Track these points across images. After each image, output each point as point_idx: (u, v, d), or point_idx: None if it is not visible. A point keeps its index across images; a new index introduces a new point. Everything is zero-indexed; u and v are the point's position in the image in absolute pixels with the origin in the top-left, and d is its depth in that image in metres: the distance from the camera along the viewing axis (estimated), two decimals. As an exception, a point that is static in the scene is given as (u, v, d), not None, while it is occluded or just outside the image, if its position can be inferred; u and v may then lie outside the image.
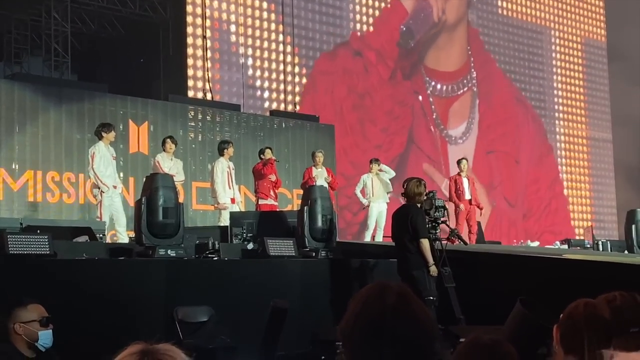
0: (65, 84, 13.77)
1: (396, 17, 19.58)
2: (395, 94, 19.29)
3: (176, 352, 1.67)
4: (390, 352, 1.81)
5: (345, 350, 1.91)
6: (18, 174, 12.29)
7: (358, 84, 18.55)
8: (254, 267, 8.00)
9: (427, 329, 1.88)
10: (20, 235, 6.62)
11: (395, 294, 1.89)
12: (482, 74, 21.26)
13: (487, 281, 8.20)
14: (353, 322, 1.88)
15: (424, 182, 7.96)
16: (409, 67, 19.78)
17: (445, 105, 20.45)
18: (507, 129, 21.52)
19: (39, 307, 4.22)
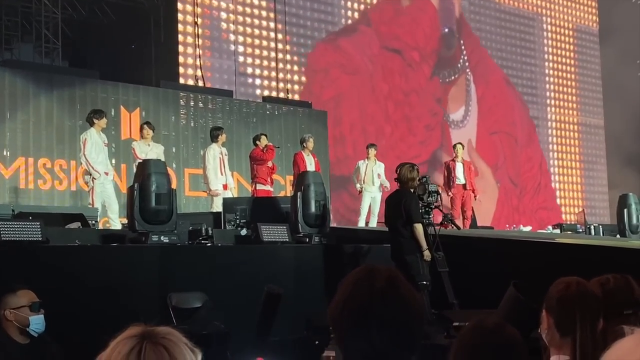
0: (56, 71, 13.70)
1: (426, 17, 20.00)
2: (435, 92, 20.04)
3: (176, 335, 1.64)
4: (379, 336, 1.81)
5: (335, 334, 1.90)
6: (9, 160, 12.24)
7: (401, 82, 19.10)
8: (247, 253, 8.00)
9: (416, 311, 1.87)
10: (12, 222, 6.60)
11: (384, 277, 1.88)
12: (475, 59, 21.40)
13: (480, 266, 8.21)
14: (342, 305, 1.87)
15: (417, 167, 7.96)
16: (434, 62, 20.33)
17: (444, 90, 20.72)
18: (506, 110, 21.84)
19: (29, 292, 4.22)
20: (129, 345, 1.59)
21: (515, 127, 22.02)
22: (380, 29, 19.33)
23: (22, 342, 4.14)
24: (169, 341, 1.61)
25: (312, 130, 15.08)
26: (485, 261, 8.34)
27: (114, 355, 1.59)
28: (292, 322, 7.40)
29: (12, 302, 4.12)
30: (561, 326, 2.70)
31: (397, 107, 19.28)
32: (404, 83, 19.50)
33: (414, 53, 19.80)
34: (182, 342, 1.63)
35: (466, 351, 2.27)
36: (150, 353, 1.58)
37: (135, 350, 1.58)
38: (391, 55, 19.40)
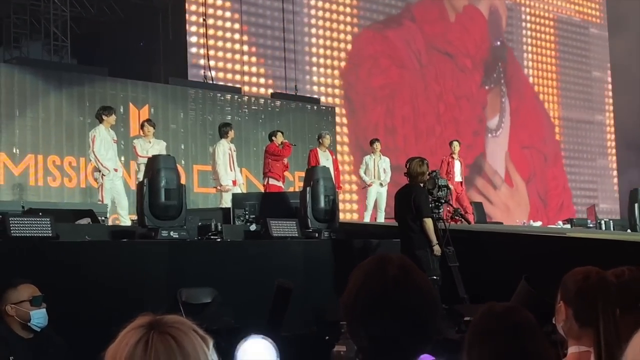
0: (65, 68, 13.72)
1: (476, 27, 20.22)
2: (483, 101, 20.48)
3: (185, 324, 1.60)
4: (393, 324, 1.79)
5: (348, 324, 1.88)
6: (19, 158, 12.27)
7: (453, 86, 19.48)
8: (256, 248, 7.99)
9: (429, 299, 1.85)
10: (22, 218, 6.60)
11: (396, 265, 1.87)
12: (510, 72, 21.62)
13: (491, 260, 8.18)
14: (354, 295, 1.86)
15: (426, 161, 7.93)
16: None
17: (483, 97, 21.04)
18: (537, 127, 21.98)
19: (29, 287, 4.20)
20: (136, 335, 1.57)
21: (545, 144, 22.11)
22: (424, 28, 19.53)
23: (25, 336, 4.13)
24: (177, 330, 1.58)
25: (321, 126, 15.08)
26: (495, 256, 8.31)
27: (121, 346, 1.57)
28: (302, 317, 7.39)
29: (13, 297, 4.11)
30: (581, 317, 2.66)
31: (448, 109, 19.53)
32: (455, 87, 19.83)
33: (466, 60, 20.14)
34: (191, 330, 1.60)
35: (480, 337, 2.25)
36: (158, 343, 1.55)
37: (142, 341, 1.55)
38: (443, 58, 19.72)
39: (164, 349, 1.55)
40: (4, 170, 12.10)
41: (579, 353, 2.66)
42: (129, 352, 1.55)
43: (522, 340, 2.18)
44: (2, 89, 12.24)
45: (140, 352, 1.54)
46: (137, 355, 1.54)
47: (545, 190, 21.82)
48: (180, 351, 1.55)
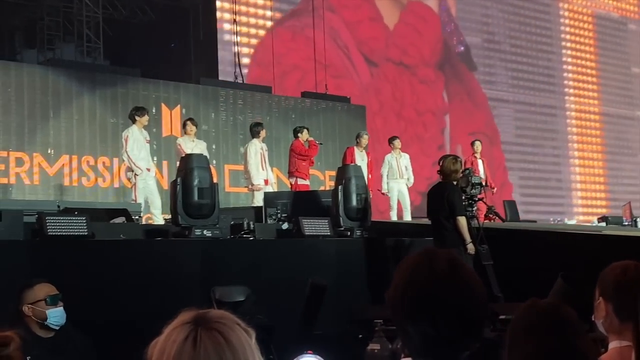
0: (98, 69, 13.86)
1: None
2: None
3: (229, 318, 1.62)
4: (443, 321, 1.78)
5: (395, 319, 1.87)
6: (54, 158, 12.42)
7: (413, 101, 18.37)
8: (289, 246, 8.00)
9: (478, 295, 1.84)
10: (58, 217, 6.66)
11: (445, 260, 1.85)
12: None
13: (525, 258, 8.11)
14: (402, 290, 1.84)
15: (460, 159, 7.90)
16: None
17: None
18: (477, 111, 20.55)
19: (46, 285, 4.18)
20: (183, 332, 1.57)
21: (486, 126, 20.69)
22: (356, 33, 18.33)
23: (43, 336, 4.10)
24: (223, 325, 1.59)
25: (351, 125, 15.06)
26: (530, 254, 8.23)
27: (169, 343, 1.58)
28: (335, 316, 7.38)
29: (30, 297, 4.10)
30: (621, 312, 2.63)
31: (410, 126, 18.50)
32: (416, 102, 18.72)
33: (426, 69, 18.94)
34: (236, 325, 1.61)
35: (522, 333, 2.22)
36: (206, 339, 1.56)
37: (190, 338, 1.56)
38: (397, 69, 18.64)
39: (213, 345, 1.55)
40: (39, 170, 12.25)
41: (620, 348, 2.63)
42: (178, 350, 1.55)
43: (568, 336, 2.15)
44: (37, 91, 12.39)
45: (189, 349, 1.55)
46: (185, 352, 1.55)
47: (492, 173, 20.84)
48: (228, 346, 1.56)
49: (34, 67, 13.27)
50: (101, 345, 4.72)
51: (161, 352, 1.58)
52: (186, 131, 10.84)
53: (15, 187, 12.00)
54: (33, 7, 15.07)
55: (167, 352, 1.56)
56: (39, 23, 15.12)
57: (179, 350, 1.55)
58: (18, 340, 1.82)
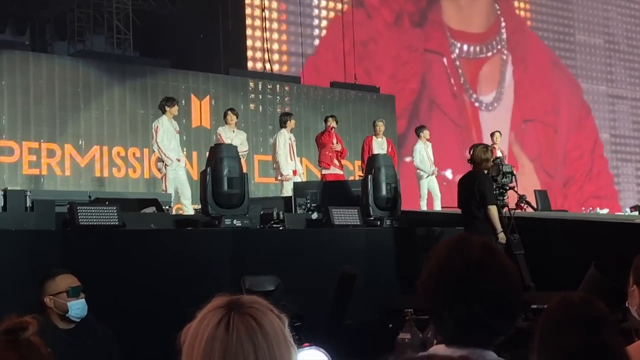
0: (128, 60, 13.94)
1: None
2: (401, 39, 18.30)
3: (262, 303, 1.62)
4: (478, 307, 1.76)
5: (428, 305, 1.85)
6: (85, 149, 12.52)
7: (361, 33, 17.36)
8: (319, 236, 7.99)
9: (513, 280, 1.82)
10: (89, 207, 6.72)
11: (479, 246, 1.84)
12: (515, 39, 20.32)
13: (557, 248, 8.03)
14: (437, 276, 1.83)
15: (490, 148, 7.83)
16: (418, 14, 18.69)
17: (473, 69, 19.57)
18: (545, 97, 20.64)
19: (68, 277, 4.12)
20: (217, 316, 1.58)
21: (556, 115, 20.83)
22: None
23: (64, 327, 4.05)
24: (257, 310, 1.60)
25: (380, 114, 14.98)
26: (562, 243, 8.15)
27: (202, 326, 1.59)
28: (365, 305, 7.36)
29: (51, 289, 4.03)
30: None
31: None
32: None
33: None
34: (269, 310, 1.62)
35: (554, 327, 2.19)
36: (239, 324, 1.57)
37: (224, 322, 1.57)
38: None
39: (246, 330, 1.56)
40: (70, 161, 12.37)
41: None
42: (211, 333, 1.56)
43: (601, 332, 2.13)
44: (68, 82, 12.50)
45: (222, 333, 1.56)
46: (219, 335, 1.56)
47: (554, 163, 20.43)
48: (261, 331, 1.57)
49: (65, 58, 13.38)
50: (128, 335, 4.75)
51: (194, 335, 1.58)
52: (227, 121, 10.90)
53: (47, 177, 12.14)
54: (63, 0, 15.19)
55: (200, 335, 1.57)
56: (70, 15, 15.21)
57: (211, 334, 1.56)
58: (36, 324, 1.82)
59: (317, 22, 16.68)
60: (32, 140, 12.09)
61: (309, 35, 16.54)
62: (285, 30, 16.29)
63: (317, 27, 16.67)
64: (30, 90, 12.11)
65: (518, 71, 20.30)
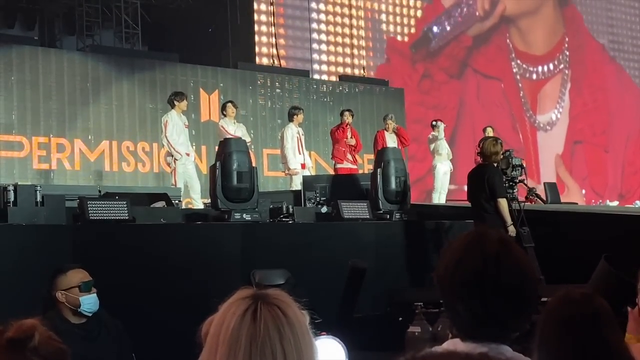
0: (137, 55, 13.97)
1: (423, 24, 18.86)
2: (426, 100, 18.49)
3: (287, 297, 1.65)
4: (494, 300, 1.76)
5: (444, 298, 1.86)
6: (94, 144, 12.56)
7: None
8: (328, 230, 7.99)
9: (529, 275, 1.82)
10: (99, 201, 6.73)
11: (496, 241, 1.84)
12: (578, 57, 20.48)
13: (567, 241, 8.00)
14: (453, 270, 1.83)
15: (500, 141, 7.81)
16: (457, 65, 18.89)
17: (534, 89, 19.83)
18: (597, 117, 20.71)
19: (79, 272, 4.13)
20: (243, 306, 1.60)
21: (606, 135, 20.86)
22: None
23: (76, 322, 4.06)
24: (283, 302, 1.62)
25: (389, 108, 14.96)
26: (572, 236, 8.13)
27: (228, 315, 1.60)
28: (375, 299, 7.38)
29: (63, 283, 4.04)
30: None
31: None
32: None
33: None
34: (293, 303, 1.65)
35: (555, 324, 2.19)
36: (266, 313, 1.59)
37: (250, 310, 1.59)
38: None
39: (272, 319, 1.58)
40: (79, 156, 12.41)
41: None
42: (237, 322, 1.58)
43: (602, 328, 2.13)
44: (77, 77, 12.53)
45: (248, 321, 1.58)
46: (245, 324, 1.57)
47: (603, 182, 20.50)
48: (287, 321, 1.59)
49: (74, 53, 13.41)
50: (139, 329, 4.76)
51: (219, 325, 1.60)
52: (227, 113, 10.85)
53: (57, 172, 12.17)
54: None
55: (226, 323, 1.59)
56: (78, 10, 15.24)
57: (238, 322, 1.58)
58: (42, 328, 1.79)
59: (324, 17, 16.63)
60: (41, 135, 12.13)
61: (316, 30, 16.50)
62: (293, 23, 16.26)
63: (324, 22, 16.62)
64: (39, 85, 12.15)
65: (573, 91, 20.38)
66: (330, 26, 16.64)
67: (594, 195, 20.07)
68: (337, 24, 16.75)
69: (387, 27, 17.61)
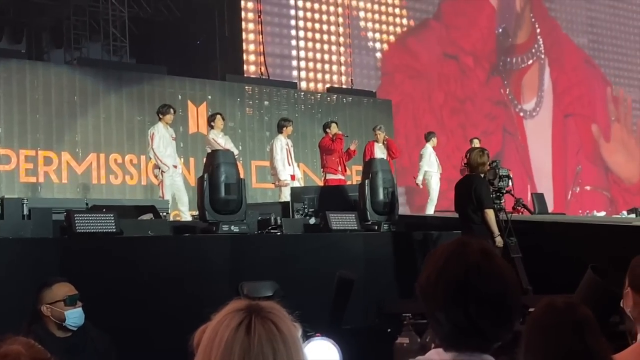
0: (125, 68, 13.96)
1: (484, 16, 19.60)
2: (491, 96, 19.45)
3: (280, 310, 1.64)
4: (476, 310, 1.76)
5: (427, 307, 1.86)
6: (82, 157, 12.53)
7: (456, 89, 18.65)
8: (316, 241, 7.99)
9: (511, 285, 1.83)
10: (87, 214, 6.71)
11: (478, 250, 1.84)
12: (550, 41, 21.00)
13: (554, 251, 8.03)
14: (435, 279, 1.83)
15: (486, 151, 7.83)
16: (495, 60, 19.72)
17: (517, 79, 20.34)
18: (582, 92, 21.37)
19: (65, 285, 4.10)
20: (237, 318, 1.59)
21: (592, 108, 21.57)
22: (448, 23, 19.06)
23: (61, 336, 4.03)
24: (276, 316, 1.62)
25: (377, 119, 15.01)
26: (559, 246, 8.15)
27: (222, 328, 1.59)
28: (363, 310, 7.36)
29: (48, 297, 4.01)
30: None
31: (453, 115, 18.81)
32: (459, 90, 19.08)
33: (467, 59, 19.33)
34: (287, 317, 1.64)
35: (540, 332, 2.21)
36: (260, 327, 1.58)
37: (244, 324, 1.58)
38: (447, 61, 19.03)
39: (266, 334, 1.57)
40: (67, 169, 12.38)
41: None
42: (231, 335, 1.57)
43: (585, 336, 2.14)
44: (64, 90, 12.51)
45: (242, 335, 1.57)
46: (239, 337, 1.57)
47: (596, 153, 21.24)
48: (281, 336, 1.58)
49: (61, 66, 13.41)
50: (126, 342, 4.74)
51: (212, 336, 1.59)
52: (216, 125, 10.85)
53: (44, 185, 12.14)
54: (59, 6, 15.19)
55: (219, 336, 1.58)
56: (66, 22, 15.24)
57: (231, 336, 1.57)
58: (28, 352, 1.77)
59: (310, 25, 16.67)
60: (29, 149, 12.10)
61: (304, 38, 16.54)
62: (282, 36, 16.29)
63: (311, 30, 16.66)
64: (26, 98, 12.13)
65: (554, 71, 20.94)
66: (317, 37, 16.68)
67: (593, 168, 20.60)
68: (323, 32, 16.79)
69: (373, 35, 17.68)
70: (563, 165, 20.52)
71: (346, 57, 16.94)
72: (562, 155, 20.58)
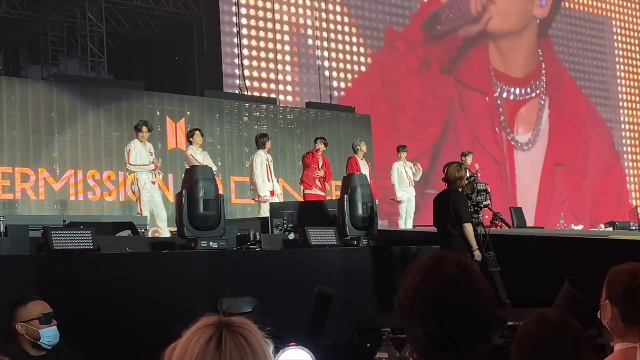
0: (103, 84, 13.91)
1: (429, 8, 19.59)
2: (426, 84, 19.07)
3: (251, 325, 1.64)
4: (453, 324, 1.76)
5: (404, 323, 1.86)
6: (59, 174, 12.44)
7: (389, 75, 18.44)
8: (296, 257, 7.98)
9: (488, 300, 1.83)
10: (64, 231, 6.66)
11: (455, 265, 1.84)
12: (554, 84, 21.28)
13: (532, 265, 8.08)
14: (412, 294, 1.83)
15: (464, 166, 7.88)
16: (448, 61, 19.57)
17: (512, 109, 20.55)
18: (578, 143, 21.54)
19: (40, 304, 4.06)
20: (207, 334, 1.58)
21: (585, 160, 21.67)
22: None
23: (36, 354, 3.99)
24: (247, 331, 1.61)
25: (357, 134, 15.05)
26: (537, 260, 8.20)
27: (191, 344, 1.58)
28: (343, 325, 7.35)
29: (23, 315, 3.97)
30: (627, 316, 2.62)
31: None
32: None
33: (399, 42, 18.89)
34: (258, 332, 1.63)
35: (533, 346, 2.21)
36: (231, 342, 1.57)
37: (214, 339, 1.57)
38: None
39: (237, 349, 1.57)
40: (45, 186, 12.29)
41: (625, 350, 2.63)
42: (201, 350, 1.56)
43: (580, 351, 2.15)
44: (42, 107, 12.44)
45: (212, 350, 1.56)
46: (209, 352, 1.56)
47: (581, 208, 21.28)
48: (252, 350, 1.58)
49: (39, 83, 13.35)
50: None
51: (182, 352, 1.58)
52: (195, 141, 10.79)
53: (21, 202, 12.04)
54: (37, 23, 15.13)
55: (190, 351, 1.57)
56: (43, 39, 15.19)
57: (202, 351, 1.56)
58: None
59: (289, 38, 16.75)
60: (5, 165, 12.01)
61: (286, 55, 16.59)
62: (260, 51, 16.33)
63: (289, 43, 16.73)
64: (3, 115, 12.05)
65: (554, 116, 21.14)
66: (295, 52, 16.73)
67: (573, 220, 20.38)
68: (305, 48, 16.85)
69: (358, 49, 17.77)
70: (547, 206, 20.49)
71: (323, 72, 16.99)
72: (547, 197, 20.59)
